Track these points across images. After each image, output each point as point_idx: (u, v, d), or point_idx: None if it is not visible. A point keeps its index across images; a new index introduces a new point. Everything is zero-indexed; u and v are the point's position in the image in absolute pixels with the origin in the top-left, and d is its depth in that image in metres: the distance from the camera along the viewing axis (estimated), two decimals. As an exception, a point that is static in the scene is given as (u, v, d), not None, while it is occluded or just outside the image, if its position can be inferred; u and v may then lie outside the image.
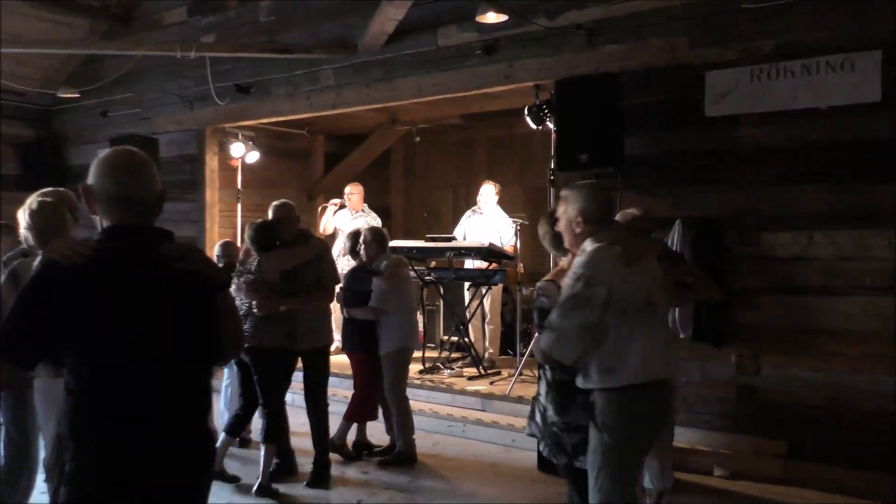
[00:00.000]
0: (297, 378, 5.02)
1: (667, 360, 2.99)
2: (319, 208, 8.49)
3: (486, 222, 7.52)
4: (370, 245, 5.27)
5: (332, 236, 8.19)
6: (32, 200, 3.44)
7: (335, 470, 5.04)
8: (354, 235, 5.49)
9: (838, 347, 4.75)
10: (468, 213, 7.77)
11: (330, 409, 5.06)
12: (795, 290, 4.90)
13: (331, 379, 5.24)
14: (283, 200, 4.95)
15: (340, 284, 5.31)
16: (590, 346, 2.83)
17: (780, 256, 4.95)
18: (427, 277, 7.34)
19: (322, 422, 4.95)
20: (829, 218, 4.79)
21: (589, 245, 2.89)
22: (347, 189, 8.27)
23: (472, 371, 7.07)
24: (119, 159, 2.11)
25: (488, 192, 7.54)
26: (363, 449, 5.51)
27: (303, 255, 4.78)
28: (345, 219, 8.12)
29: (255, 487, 4.64)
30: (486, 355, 7.35)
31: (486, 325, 7.43)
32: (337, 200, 8.28)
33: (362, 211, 8.21)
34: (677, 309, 5.05)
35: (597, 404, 2.90)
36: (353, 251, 5.45)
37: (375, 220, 7.98)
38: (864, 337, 4.67)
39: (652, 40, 5.35)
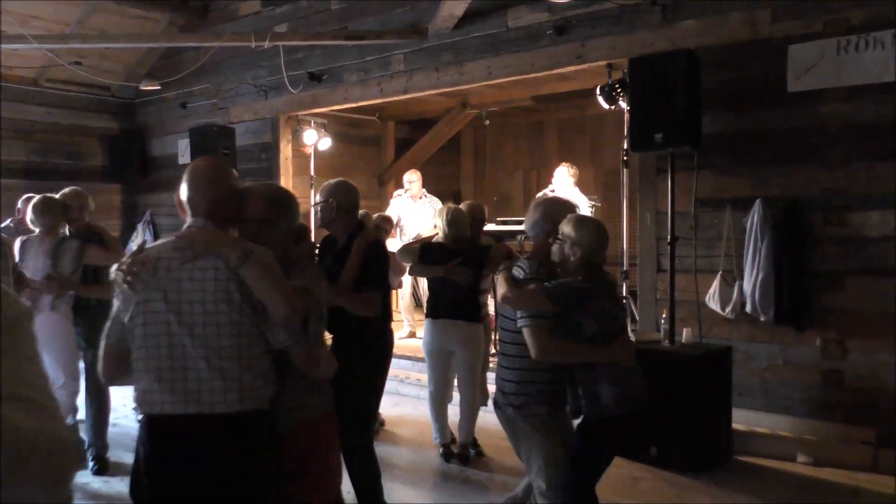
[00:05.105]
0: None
1: None
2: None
3: None
4: None
5: (396, 224, 8.18)
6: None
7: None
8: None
9: (932, 331, 4.54)
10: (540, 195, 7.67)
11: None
12: (885, 271, 4.69)
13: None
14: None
15: None
16: None
17: (868, 237, 4.75)
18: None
19: None
20: (922, 195, 4.57)
21: None
22: (406, 177, 8.20)
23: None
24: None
25: (562, 175, 7.38)
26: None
27: None
28: (406, 206, 8.01)
29: None
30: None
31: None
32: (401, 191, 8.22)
33: (423, 197, 8.13)
34: (758, 290, 4.94)
35: None
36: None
37: (437, 206, 7.92)
38: (961, 320, 4.45)
39: (732, 14, 5.18)
